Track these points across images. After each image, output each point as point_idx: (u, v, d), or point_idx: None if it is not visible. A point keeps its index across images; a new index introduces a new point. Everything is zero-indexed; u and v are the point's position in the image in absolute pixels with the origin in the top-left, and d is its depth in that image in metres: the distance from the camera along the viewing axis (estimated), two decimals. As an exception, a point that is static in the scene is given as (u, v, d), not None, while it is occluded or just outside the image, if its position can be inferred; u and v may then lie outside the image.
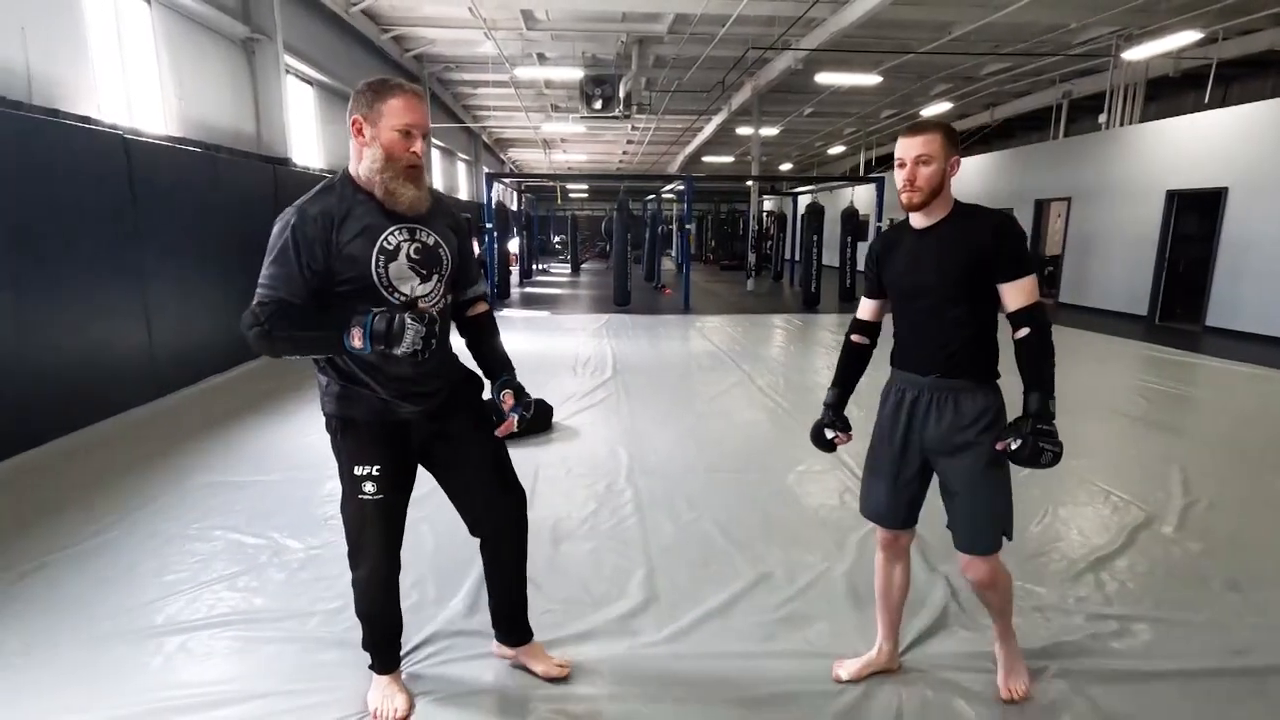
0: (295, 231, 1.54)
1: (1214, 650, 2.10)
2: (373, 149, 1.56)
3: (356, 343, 1.49)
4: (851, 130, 18.25)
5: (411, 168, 1.59)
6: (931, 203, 1.70)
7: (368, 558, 1.75)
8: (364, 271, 1.57)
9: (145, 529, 2.89)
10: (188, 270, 5.36)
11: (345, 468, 1.70)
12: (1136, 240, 9.84)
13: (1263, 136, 8.16)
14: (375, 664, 1.86)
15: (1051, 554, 2.72)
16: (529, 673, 1.98)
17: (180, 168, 5.34)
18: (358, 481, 1.68)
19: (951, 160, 1.69)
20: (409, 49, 11.43)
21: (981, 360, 1.73)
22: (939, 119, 1.79)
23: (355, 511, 1.72)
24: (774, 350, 7.66)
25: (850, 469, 3.69)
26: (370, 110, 1.56)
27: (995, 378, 1.75)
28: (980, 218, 1.72)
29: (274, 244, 1.55)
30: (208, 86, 6.50)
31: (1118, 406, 5.05)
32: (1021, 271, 1.66)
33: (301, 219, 1.55)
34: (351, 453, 1.68)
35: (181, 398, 5.01)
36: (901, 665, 2.02)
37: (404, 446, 1.74)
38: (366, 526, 1.73)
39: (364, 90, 1.58)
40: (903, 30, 9.43)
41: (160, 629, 2.19)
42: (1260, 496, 3.34)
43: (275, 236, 1.56)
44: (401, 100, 1.55)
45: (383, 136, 1.55)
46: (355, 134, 1.58)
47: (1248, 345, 7.67)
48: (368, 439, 1.68)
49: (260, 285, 1.54)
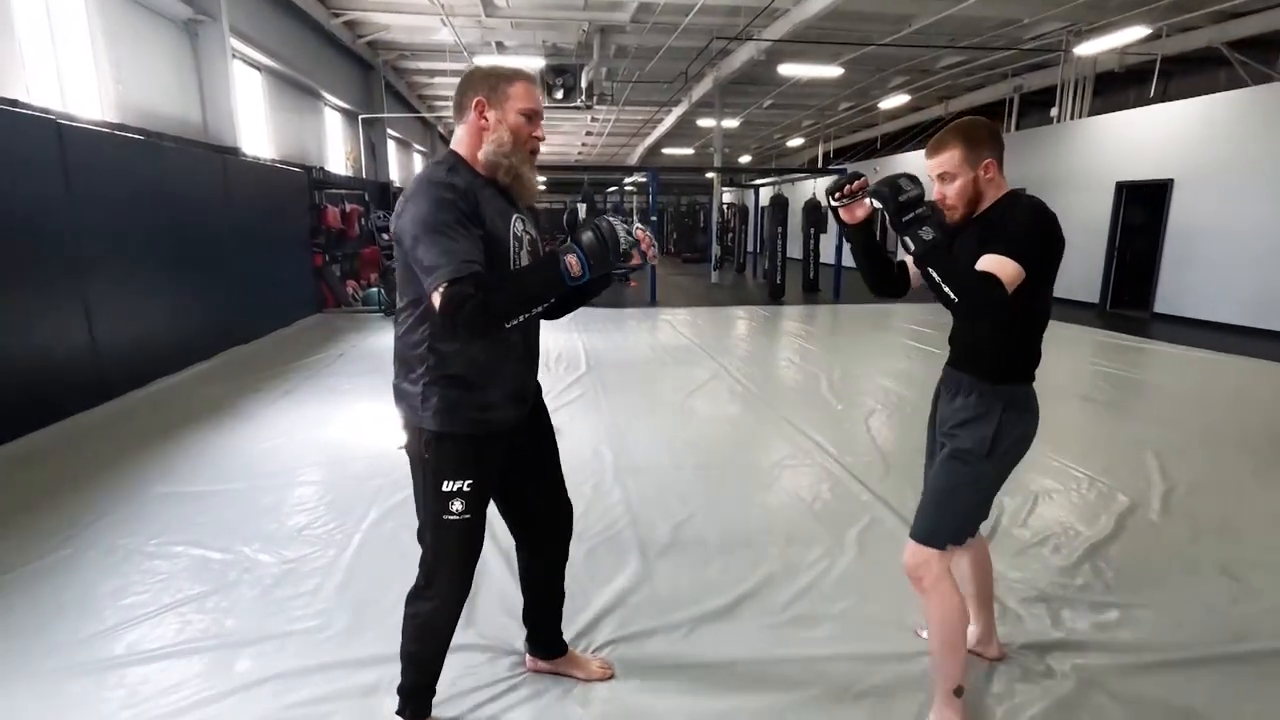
0: (456, 203, 1.40)
1: (1217, 636, 2.12)
2: (499, 132, 1.50)
3: (576, 271, 1.38)
4: (810, 122, 18.41)
5: (534, 153, 1.56)
6: (976, 209, 1.63)
7: (443, 588, 1.62)
8: (504, 254, 1.48)
9: (100, 546, 2.66)
10: (132, 265, 5.01)
11: (431, 485, 1.55)
12: (1088, 230, 10.15)
13: (1205, 130, 8.49)
14: (410, 711, 1.69)
15: (1047, 544, 2.73)
16: (572, 678, 1.93)
17: (120, 156, 4.99)
18: (445, 500, 1.54)
19: (983, 164, 1.58)
20: (362, 35, 11.01)
21: (987, 359, 1.66)
22: (962, 125, 1.62)
23: (439, 534, 1.58)
24: (745, 342, 7.64)
25: (836, 460, 3.67)
26: (494, 93, 1.50)
27: (1004, 381, 1.63)
28: (1008, 207, 1.61)
29: (435, 218, 1.37)
30: (148, 70, 6.11)
31: (1084, 392, 5.18)
32: (1003, 249, 1.49)
33: (453, 191, 1.41)
34: (440, 468, 1.54)
35: (130, 402, 4.69)
36: (1006, 654, 1.99)
37: (496, 460, 1.63)
38: (449, 551, 1.60)
39: (482, 74, 1.52)
40: (864, 22, 9.50)
41: (122, 659, 2.00)
42: (1233, 478, 3.43)
43: (433, 211, 1.38)
44: (524, 86, 1.52)
45: (509, 119, 1.50)
46: (478, 116, 1.50)
47: (1193, 330, 7.98)
48: (462, 453, 1.55)
49: (440, 266, 1.33)
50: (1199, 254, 8.59)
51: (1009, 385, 1.63)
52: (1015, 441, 1.64)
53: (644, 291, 11.66)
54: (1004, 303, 1.48)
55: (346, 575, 2.48)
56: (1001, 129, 1.63)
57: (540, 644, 1.95)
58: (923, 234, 1.48)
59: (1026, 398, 1.65)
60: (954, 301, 1.49)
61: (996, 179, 1.61)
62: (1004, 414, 1.61)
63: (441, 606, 1.63)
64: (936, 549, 1.63)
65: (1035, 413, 1.67)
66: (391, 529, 2.86)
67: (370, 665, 1.98)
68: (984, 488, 1.65)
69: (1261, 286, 7.83)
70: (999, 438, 1.60)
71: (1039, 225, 1.55)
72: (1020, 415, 1.63)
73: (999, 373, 1.64)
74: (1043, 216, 1.57)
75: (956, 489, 1.64)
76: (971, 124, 1.64)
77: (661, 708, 1.83)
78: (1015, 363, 1.64)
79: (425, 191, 1.41)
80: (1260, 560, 2.60)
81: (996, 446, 1.60)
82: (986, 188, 1.61)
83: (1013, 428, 1.61)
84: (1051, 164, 10.94)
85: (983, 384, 1.64)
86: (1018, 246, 1.50)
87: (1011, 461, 1.67)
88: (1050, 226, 1.57)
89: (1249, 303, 8.00)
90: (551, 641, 1.94)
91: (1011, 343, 1.63)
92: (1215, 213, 8.36)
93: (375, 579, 2.45)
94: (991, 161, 1.59)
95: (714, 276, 14.32)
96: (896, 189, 1.49)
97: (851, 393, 5.15)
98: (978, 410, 1.63)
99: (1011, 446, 1.63)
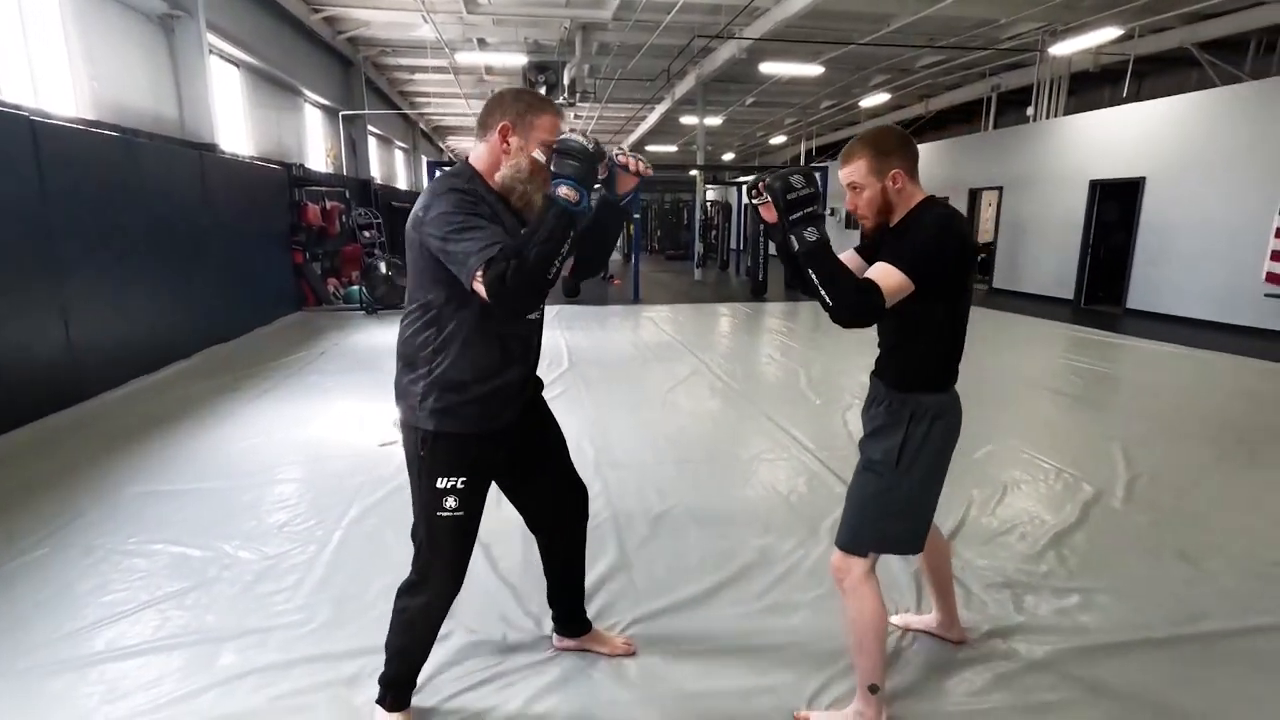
0: (477, 204, 1.46)
1: (1174, 618, 2.20)
2: (518, 159, 1.54)
3: (573, 197, 1.39)
4: (792, 120, 18.52)
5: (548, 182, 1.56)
6: (889, 219, 1.62)
7: (433, 584, 1.66)
8: None
9: (78, 545, 2.66)
10: (109, 264, 4.97)
11: (426, 482, 1.59)
12: (1063, 227, 10.33)
13: (1176, 129, 8.67)
14: (390, 700, 1.73)
15: (1014, 532, 2.81)
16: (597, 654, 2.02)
17: (96, 153, 4.94)
18: (439, 496, 1.58)
19: (891, 175, 1.56)
20: (342, 31, 10.94)
21: (896, 369, 1.66)
22: (870, 134, 1.62)
23: (432, 530, 1.62)
24: (727, 338, 7.71)
25: (813, 453, 3.74)
26: (521, 120, 1.54)
27: (913, 391, 1.62)
28: (915, 219, 1.58)
29: (460, 216, 1.43)
30: (124, 66, 6.04)
31: (1055, 386, 5.29)
32: (894, 259, 1.48)
33: (474, 195, 1.49)
34: (435, 466, 1.58)
35: (107, 401, 4.65)
36: (967, 639, 2.07)
37: (493, 458, 1.68)
38: (442, 548, 1.64)
39: (513, 98, 1.56)
40: (844, 21, 9.59)
41: (102, 655, 2.01)
42: (1194, 468, 3.54)
43: (456, 210, 1.44)
44: (551, 118, 1.55)
45: (530, 148, 1.53)
46: (501, 139, 1.54)
47: (1164, 326, 8.16)
48: (457, 452, 1.59)
49: (472, 253, 1.38)
50: (1169, 251, 8.78)
51: (918, 395, 1.62)
52: (930, 450, 1.61)
53: (627, 289, 11.70)
54: (879, 311, 1.46)
55: (328, 570, 2.50)
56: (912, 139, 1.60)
57: (566, 623, 2.03)
58: (806, 234, 1.47)
59: (938, 406, 1.62)
60: (829, 306, 1.47)
61: (907, 189, 1.59)
62: (910, 424, 1.59)
63: (432, 602, 1.67)
64: (859, 556, 1.66)
65: (951, 418, 1.65)
66: (373, 525, 2.88)
67: (352, 657, 2.01)
68: (901, 496, 1.63)
69: (1227, 282, 8.02)
70: (905, 448, 1.59)
71: (937, 239, 1.52)
72: (931, 424, 1.60)
73: (908, 383, 1.63)
74: (945, 230, 1.54)
75: (870, 499, 1.66)
76: (880, 133, 1.62)
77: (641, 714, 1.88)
78: (925, 373, 1.63)
79: (446, 196, 1.46)
80: (1216, 545, 2.70)
81: (904, 457, 1.60)
82: (896, 198, 1.59)
83: (921, 437, 1.59)
84: (1028, 162, 11.12)
85: (893, 393, 1.65)
86: (909, 259, 1.48)
87: (932, 467, 1.64)
88: (950, 239, 1.54)
89: (1216, 298, 8.20)
90: (575, 620, 2.03)
91: (922, 353, 1.62)
92: (1185, 210, 8.55)
93: (356, 574, 2.48)
94: (899, 172, 1.57)
95: (697, 274, 14.39)
96: (787, 186, 1.47)
97: (829, 388, 5.22)
98: (886, 420, 1.64)
99: (925, 455, 1.61)
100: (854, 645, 1.69)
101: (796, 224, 1.48)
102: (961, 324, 1.64)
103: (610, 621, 2.20)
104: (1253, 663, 2.00)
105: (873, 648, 1.65)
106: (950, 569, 2.04)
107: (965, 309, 1.64)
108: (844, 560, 1.69)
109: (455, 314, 1.53)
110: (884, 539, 1.68)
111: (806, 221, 1.48)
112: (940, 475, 1.68)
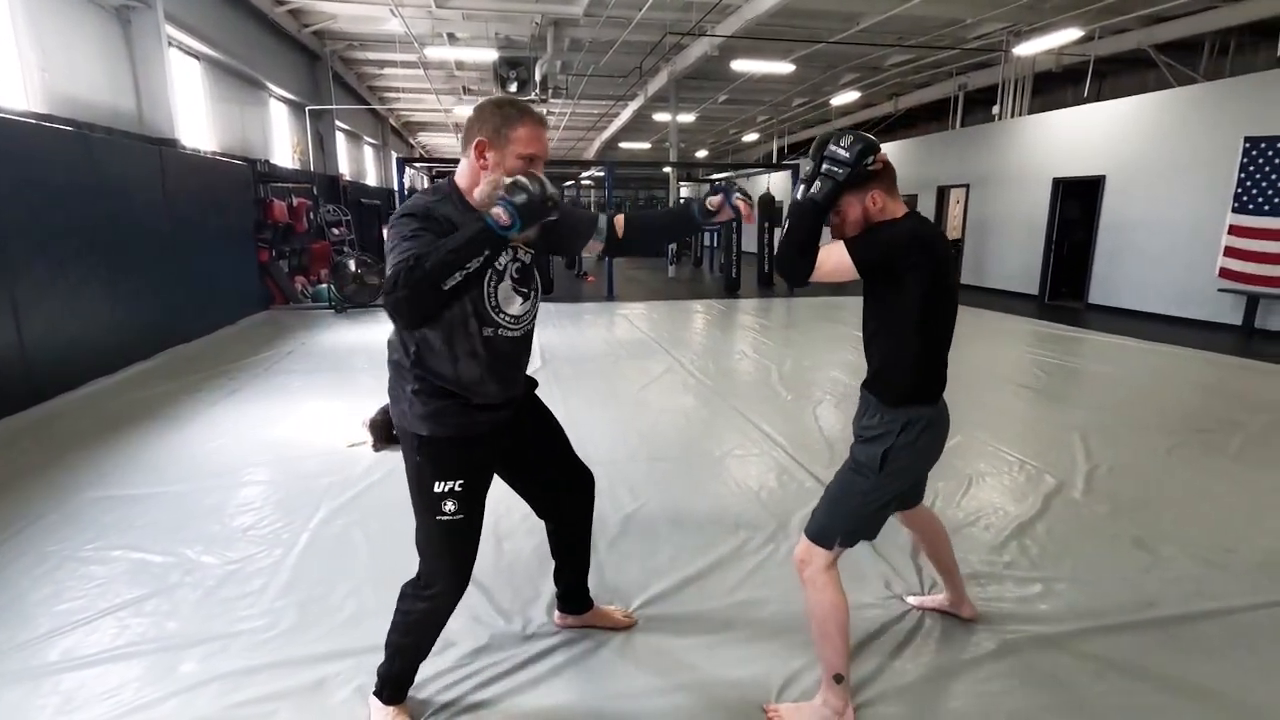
0: (427, 224, 1.45)
1: (1129, 604, 2.27)
2: (496, 175, 1.51)
3: (505, 220, 1.35)
4: (765, 118, 18.64)
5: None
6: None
7: (440, 588, 1.67)
8: (477, 290, 1.53)
9: (31, 552, 2.58)
10: (63, 262, 4.81)
11: (424, 486, 1.60)
12: (1028, 225, 10.56)
13: (1135, 128, 8.91)
14: (386, 693, 1.74)
15: (978, 523, 2.87)
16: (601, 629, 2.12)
17: (48, 147, 4.78)
18: (437, 501, 1.59)
19: (869, 196, 1.63)
20: (307, 24, 10.73)
21: (884, 384, 1.71)
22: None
23: (433, 535, 1.64)
24: (700, 335, 7.73)
25: (784, 449, 3.77)
26: (497, 135, 1.53)
27: (901, 405, 1.68)
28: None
29: (402, 232, 1.44)
30: (77, 57, 5.85)
31: (1019, 380, 5.41)
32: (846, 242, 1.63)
33: (429, 215, 1.48)
34: (431, 470, 1.59)
35: (63, 404, 4.52)
36: (977, 615, 2.15)
37: (489, 459, 1.70)
38: (444, 552, 1.65)
39: (490, 111, 1.55)
40: (814, 20, 9.67)
41: (56, 665, 1.96)
42: (1151, 458, 3.65)
43: (402, 227, 1.45)
44: (528, 129, 1.53)
45: (507, 163, 1.53)
46: (478, 156, 1.54)
47: (1124, 320, 8.39)
48: (451, 455, 1.60)
49: (395, 263, 1.38)
50: (1128, 247, 9.03)
51: (905, 408, 1.68)
52: (912, 458, 1.70)
53: (601, 286, 11.68)
54: (803, 274, 1.62)
55: (293, 574, 2.46)
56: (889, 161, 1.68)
57: (573, 604, 2.11)
58: (813, 189, 1.59)
59: (926, 419, 1.69)
60: (777, 252, 1.66)
61: (888, 207, 1.65)
62: (900, 435, 1.66)
63: (437, 605, 1.68)
64: (824, 548, 1.71)
65: (937, 429, 1.73)
66: (341, 526, 2.84)
67: (318, 662, 1.98)
68: (876, 499, 1.70)
69: (1183, 278, 8.28)
70: (889, 457, 1.66)
71: (887, 229, 1.62)
72: (917, 436, 1.67)
73: (897, 397, 1.69)
74: (902, 231, 1.61)
75: (847, 496, 1.72)
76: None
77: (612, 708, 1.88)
78: (911, 388, 1.69)
79: (399, 220, 1.48)
80: (1171, 533, 2.78)
81: (887, 465, 1.66)
82: (878, 217, 1.65)
83: (908, 448, 1.67)
84: (993, 161, 11.33)
85: (883, 407, 1.71)
86: (856, 242, 1.62)
87: (911, 473, 1.75)
88: (900, 232, 1.61)
89: (1172, 293, 8.45)
90: (581, 600, 2.11)
91: (906, 368, 1.68)
92: (1143, 208, 8.79)
93: (323, 577, 2.44)
94: (877, 193, 1.63)
95: (671, 271, 14.43)
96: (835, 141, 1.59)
97: (801, 384, 5.27)
98: (877, 430, 1.70)
99: (908, 463, 1.70)
100: (816, 636, 1.72)
101: (811, 176, 1.59)
102: (942, 334, 1.70)
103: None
104: (1202, 646, 2.07)
105: (835, 638, 1.68)
106: (949, 550, 2.10)
107: (944, 319, 1.69)
108: (808, 551, 1.72)
109: (434, 325, 1.54)
110: (852, 534, 1.73)
111: (824, 179, 1.57)
112: (922, 474, 1.78)
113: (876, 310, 1.71)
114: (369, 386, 5.05)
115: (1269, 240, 7.28)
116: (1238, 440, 3.91)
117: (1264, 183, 7.31)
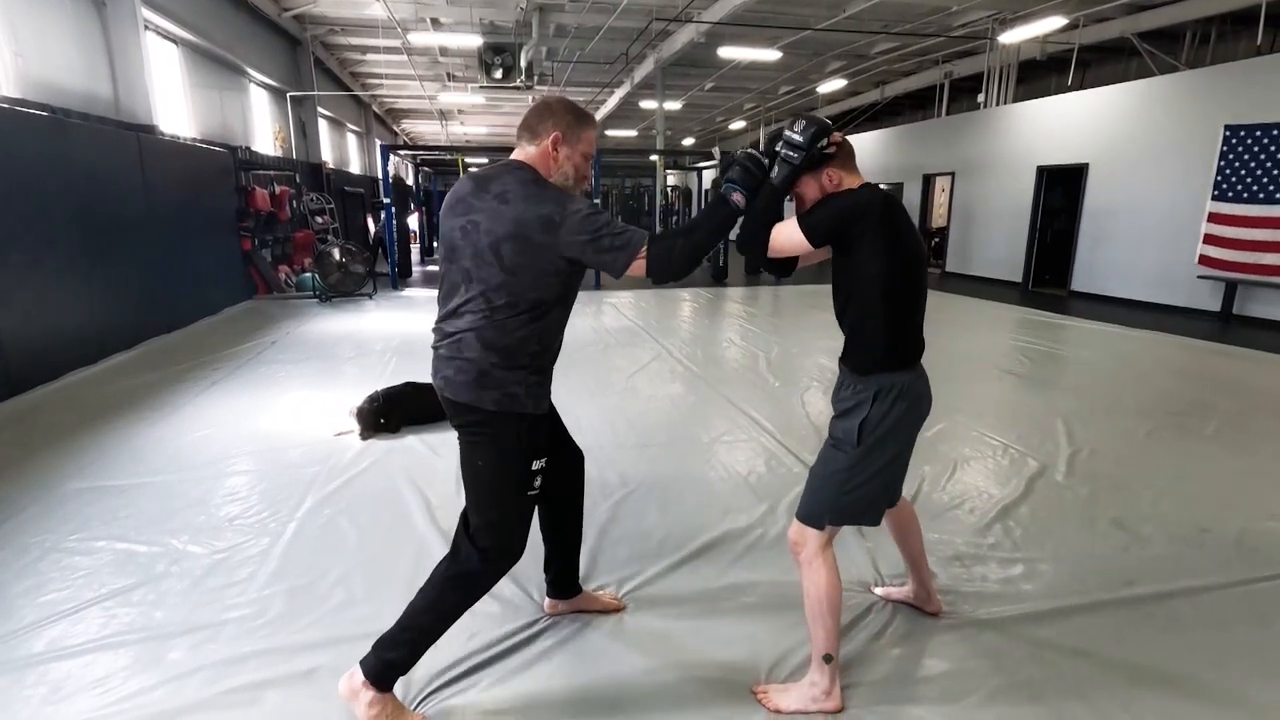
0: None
1: (1109, 583, 2.32)
2: (564, 168, 1.68)
3: (741, 202, 1.60)
4: (751, 105, 18.58)
5: (586, 194, 1.77)
6: None
7: (504, 563, 1.72)
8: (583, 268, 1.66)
9: (13, 545, 2.55)
10: (38, 251, 4.73)
11: (523, 466, 1.68)
12: (1012, 212, 10.64)
13: (1118, 117, 8.98)
14: (386, 680, 1.68)
15: (963, 506, 2.92)
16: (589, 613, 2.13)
17: (22, 134, 4.68)
18: (532, 478, 1.70)
19: (824, 175, 1.67)
20: (288, 8, 10.54)
21: (853, 353, 1.73)
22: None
23: (517, 511, 1.71)
24: (688, 323, 7.74)
25: (772, 434, 3.80)
26: (570, 132, 1.67)
27: (872, 372, 1.68)
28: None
29: (598, 213, 1.59)
30: (51, 42, 5.72)
31: (1004, 366, 5.47)
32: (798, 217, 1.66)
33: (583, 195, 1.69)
34: (532, 447, 1.69)
35: (41, 396, 4.45)
36: (943, 610, 2.14)
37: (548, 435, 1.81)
38: (518, 526, 1.71)
39: (564, 110, 1.68)
40: (800, 7, 9.64)
41: (42, 656, 1.94)
42: (1131, 441, 3.71)
43: (595, 211, 1.60)
44: (593, 134, 1.72)
45: (575, 158, 1.69)
46: (552, 147, 1.66)
47: (1106, 307, 8.50)
48: (540, 431, 1.72)
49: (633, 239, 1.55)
50: (1110, 235, 9.12)
51: (877, 376, 1.68)
52: (891, 428, 1.67)
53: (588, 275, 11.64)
54: (761, 250, 1.68)
55: (281, 563, 2.45)
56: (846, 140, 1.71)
57: (561, 588, 2.12)
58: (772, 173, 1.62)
59: (899, 387, 1.67)
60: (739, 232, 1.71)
61: (845, 181, 1.69)
62: (873, 405, 1.66)
63: (484, 582, 1.71)
64: (815, 529, 1.72)
65: (913, 398, 1.70)
66: (328, 515, 2.83)
67: (307, 650, 1.97)
68: (861, 472, 1.68)
69: (1163, 265, 8.39)
70: (865, 428, 1.66)
71: (840, 203, 1.64)
72: (892, 404, 1.66)
73: (866, 365, 1.70)
74: (851, 199, 1.64)
75: (831, 475, 1.71)
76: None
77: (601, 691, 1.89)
78: (881, 354, 1.68)
79: (573, 200, 1.59)
80: (1149, 513, 2.84)
81: (864, 436, 1.66)
82: (834, 188, 1.69)
83: (881, 416, 1.66)
84: (978, 148, 11.39)
85: (854, 376, 1.72)
86: (807, 216, 1.66)
87: (894, 446, 1.71)
88: (846, 200, 1.64)
89: (1153, 280, 8.56)
90: (570, 584, 2.13)
91: (872, 332, 1.68)
92: (1124, 196, 8.88)
93: (311, 565, 2.43)
94: (832, 171, 1.68)
95: (658, 259, 14.39)
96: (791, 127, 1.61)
97: (788, 370, 5.30)
98: (851, 402, 1.71)
99: (887, 434, 1.67)
100: (810, 616, 1.73)
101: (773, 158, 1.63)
102: (909, 300, 1.69)
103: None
104: (1178, 622, 2.12)
105: (828, 619, 1.70)
106: (919, 543, 2.10)
107: (913, 285, 1.69)
108: (801, 532, 1.74)
109: (555, 308, 1.66)
110: (842, 513, 1.73)
111: (781, 163, 1.61)
112: (903, 451, 1.75)
113: (842, 282, 1.72)
114: (354, 376, 5.02)
115: (1247, 228, 7.38)
116: (1214, 424, 3.99)
117: (1243, 170, 7.41)
